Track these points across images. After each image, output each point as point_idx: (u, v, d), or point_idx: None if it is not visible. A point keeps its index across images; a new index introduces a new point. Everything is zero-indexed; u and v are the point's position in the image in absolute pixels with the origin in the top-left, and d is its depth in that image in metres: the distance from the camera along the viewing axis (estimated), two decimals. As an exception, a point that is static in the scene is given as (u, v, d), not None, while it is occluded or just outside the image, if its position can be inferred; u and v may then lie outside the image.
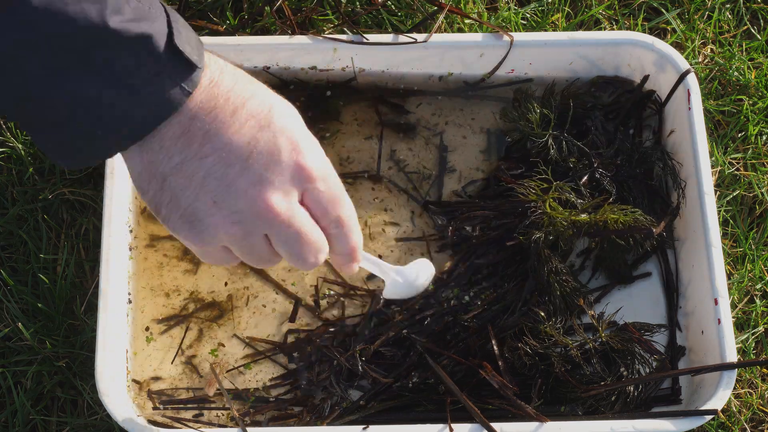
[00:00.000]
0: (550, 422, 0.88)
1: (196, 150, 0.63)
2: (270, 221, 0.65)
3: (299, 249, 0.68)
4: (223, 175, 0.64)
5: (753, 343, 1.03)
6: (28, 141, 1.07)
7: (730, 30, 1.17)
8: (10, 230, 1.04)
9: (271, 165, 0.65)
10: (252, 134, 0.64)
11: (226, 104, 0.64)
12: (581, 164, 1.00)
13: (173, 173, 0.64)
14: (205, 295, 1.00)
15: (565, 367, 0.91)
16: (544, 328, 0.92)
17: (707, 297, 0.94)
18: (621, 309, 0.99)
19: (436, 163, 1.06)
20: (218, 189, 0.64)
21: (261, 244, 0.67)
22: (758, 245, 1.06)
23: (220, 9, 1.13)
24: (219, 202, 0.64)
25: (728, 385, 0.90)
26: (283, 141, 0.65)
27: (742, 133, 1.12)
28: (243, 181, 0.64)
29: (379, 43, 1.03)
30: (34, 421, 0.98)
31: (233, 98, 0.64)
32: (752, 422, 1.01)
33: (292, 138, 0.66)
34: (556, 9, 1.16)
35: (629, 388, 0.91)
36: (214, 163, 0.64)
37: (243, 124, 0.64)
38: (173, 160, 0.63)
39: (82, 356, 0.99)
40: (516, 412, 0.90)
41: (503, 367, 0.92)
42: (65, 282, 1.01)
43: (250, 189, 0.64)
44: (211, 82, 0.64)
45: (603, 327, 0.93)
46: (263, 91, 0.67)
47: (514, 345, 0.92)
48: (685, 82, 1.01)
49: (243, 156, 0.64)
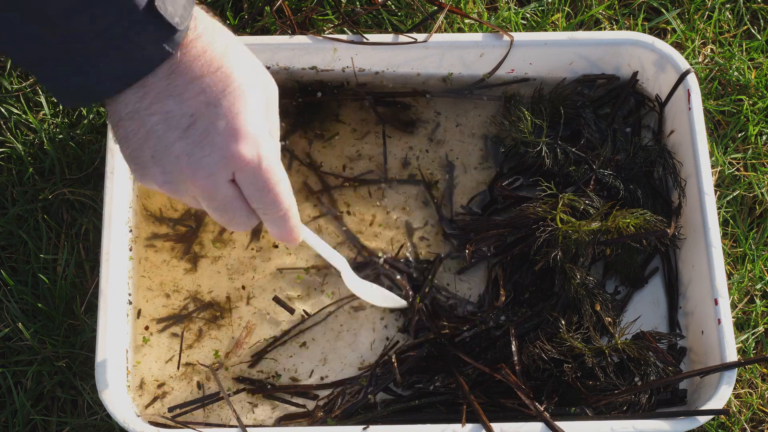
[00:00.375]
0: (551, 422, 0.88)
1: (146, 105, 0.68)
2: (197, 190, 0.71)
3: (226, 221, 0.74)
4: (163, 135, 0.68)
5: (753, 343, 1.03)
6: (28, 141, 1.07)
7: (730, 30, 1.17)
8: (10, 230, 1.04)
9: (204, 143, 0.69)
10: (197, 107, 0.68)
11: (188, 71, 0.68)
12: (582, 169, 1.00)
13: (127, 117, 0.69)
14: (205, 295, 1.00)
15: (577, 375, 0.91)
16: (562, 336, 0.92)
17: (707, 297, 0.94)
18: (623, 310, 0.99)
19: (440, 166, 1.06)
20: (157, 146, 0.69)
21: (193, 203, 0.74)
22: (758, 245, 1.06)
23: (220, 9, 1.13)
24: (156, 157, 0.69)
25: (728, 385, 0.90)
26: (221, 124, 0.69)
27: (742, 133, 1.12)
28: (178, 147, 0.69)
29: (379, 43, 1.03)
30: (34, 421, 0.98)
31: (195, 67, 0.68)
32: (752, 422, 1.01)
33: (233, 122, 0.69)
34: (556, 9, 1.16)
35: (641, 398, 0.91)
36: (158, 122, 0.68)
37: (193, 96, 0.68)
38: (128, 107, 0.68)
39: (82, 356, 0.99)
40: (527, 412, 0.90)
41: (519, 369, 0.92)
42: (65, 282, 1.01)
43: (182, 158, 0.69)
44: (183, 43, 0.67)
45: (620, 334, 0.93)
46: (234, 66, 0.70)
47: (532, 350, 0.92)
48: (685, 82, 1.01)
49: (183, 125, 0.68)
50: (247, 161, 0.69)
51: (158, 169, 0.70)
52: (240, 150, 0.69)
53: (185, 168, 0.69)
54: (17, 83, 1.10)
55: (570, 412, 0.91)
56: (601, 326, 0.94)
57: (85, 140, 1.07)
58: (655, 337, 0.93)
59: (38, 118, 1.09)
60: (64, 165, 1.06)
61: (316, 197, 1.04)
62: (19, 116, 1.08)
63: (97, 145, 1.07)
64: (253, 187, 0.71)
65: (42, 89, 1.10)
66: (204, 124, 0.68)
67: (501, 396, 0.93)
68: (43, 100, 1.09)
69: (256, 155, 0.70)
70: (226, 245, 1.02)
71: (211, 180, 0.70)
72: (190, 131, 0.68)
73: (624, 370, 0.93)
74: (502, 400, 0.92)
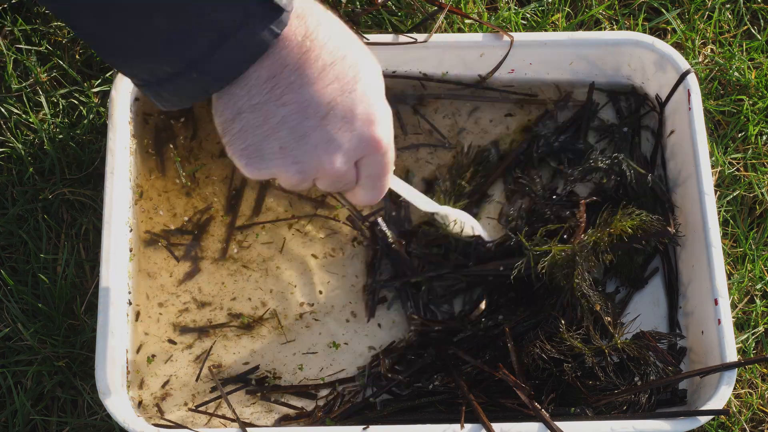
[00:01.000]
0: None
1: (278, 95, 0.67)
2: (326, 175, 0.71)
3: (333, 189, 0.75)
4: (297, 125, 0.68)
5: (753, 343, 1.03)
6: (28, 141, 1.07)
7: (730, 30, 1.17)
8: (10, 230, 1.04)
9: (344, 129, 0.69)
10: (333, 96, 0.68)
11: (317, 60, 0.67)
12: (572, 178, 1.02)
13: (250, 110, 0.67)
14: (205, 296, 1.00)
15: (577, 374, 0.91)
16: (562, 335, 0.92)
17: (707, 297, 0.94)
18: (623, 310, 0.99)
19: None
20: (289, 137, 0.68)
21: (307, 187, 0.74)
22: (758, 245, 1.06)
23: (220, 9, 1.13)
24: (286, 148, 0.69)
25: (728, 385, 0.90)
26: (360, 110, 0.70)
27: (742, 133, 1.12)
28: (316, 136, 0.69)
29: (379, 43, 1.03)
30: (34, 421, 0.98)
31: (324, 55, 0.67)
32: (752, 422, 1.01)
33: (369, 108, 0.70)
34: (556, 9, 1.16)
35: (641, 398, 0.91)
36: (292, 113, 0.68)
37: (328, 84, 0.68)
38: (253, 99, 0.67)
39: (82, 356, 0.99)
40: (527, 412, 0.90)
41: (518, 369, 0.92)
42: (65, 282, 1.01)
43: (321, 145, 0.69)
44: (306, 33, 0.66)
45: (620, 334, 0.93)
46: (355, 52, 0.70)
47: (531, 350, 0.92)
48: (686, 83, 1.01)
49: (321, 114, 0.68)
50: (382, 146, 0.72)
51: (288, 159, 0.69)
52: (377, 134, 0.71)
53: (323, 156, 0.70)
54: (17, 83, 1.10)
55: (570, 412, 0.91)
56: (600, 326, 0.94)
57: (85, 140, 1.07)
58: (655, 337, 0.93)
59: (38, 117, 1.09)
60: (64, 165, 1.06)
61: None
62: (20, 116, 1.08)
63: (97, 145, 1.07)
64: (377, 168, 0.74)
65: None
66: (342, 111, 0.69)
67: (501, 396, 0.93)
68: (43, 99, 1.09)
69: (387, 139, 0.73)
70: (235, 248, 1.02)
71: (346, 165, 0.72)
72: (328, 119, 0.68)
73: (624, 370, 0.93)
74: (501, 400, 0.92)
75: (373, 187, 0.77)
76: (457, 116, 1.08)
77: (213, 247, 1.02)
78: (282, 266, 1.02)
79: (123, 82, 0.99)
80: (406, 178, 1.04)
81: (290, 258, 1.02)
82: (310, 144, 0.69)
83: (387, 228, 1.01)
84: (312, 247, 1.02)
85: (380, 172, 0.75)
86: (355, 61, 0.69)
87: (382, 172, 0.75)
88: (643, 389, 0.91)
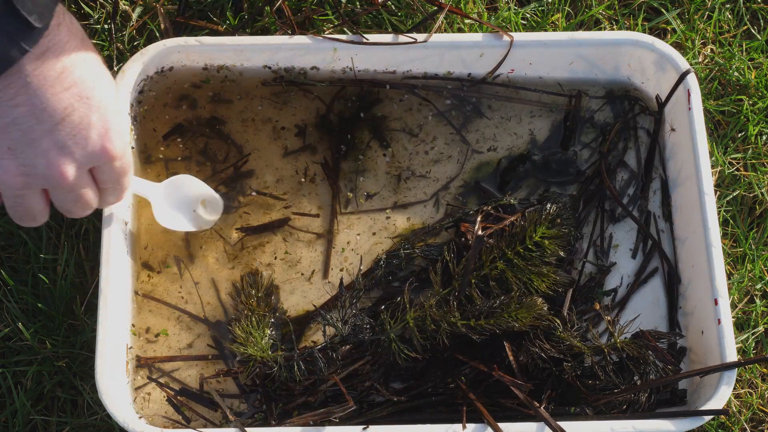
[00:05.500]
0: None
1: (11, 96, 0.67)
2: (57, 183, 0.72)
3: (72, 207, 0.78)
4: (29, 128, 0.68)
5: (753, 343, 1.03)
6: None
7: (730, 30, 1.17)
8: (10, 230, 1.04)
9: (78, 137, 0.70)
10: (70, 102, 0.69)
11: (56, 62, 0.68)
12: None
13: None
14: (205, 296, 1.00)
15: (577, 373, 0.91)
16: (559, 333, 0.92)
17: (707, 297, 0.94)
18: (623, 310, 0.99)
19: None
20: (19, 139, 0.68)
21: (37, 198, 0.74)
22: (758, 245, 1.06)
23: (220, 9, 1.13)
24: (15, 150, 0.69)
25: (728, 385, 0.90)
26: (96, 119, 0.71)
27: (742, 133, 1.12)
28: (47, 141, 0.69)
29: (379, 43, 1.03)
30: (34, 421, 0.98)
31: (64, 58, 0.68)
32: (752, 422, 1.01)
33: (105, 118, 0.72)
34: (556, 9, 1.16)
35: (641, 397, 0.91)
36: (24, 115, 0.68)
37: (65, 89, 0.69)
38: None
39: (82, 356, 0.99)
40: (527, 411, 0.90)
41: (517, 368, 0.92)
42: (65, 282, 1.01)
43: (52, 151, 0.70)
44: (49, 45, 0.67)
45: (619, 333, 0.93)
46: (93, 60, 0.72)
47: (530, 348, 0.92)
48: (685, 82, 1.01)
49: (55, 119, 0.69)
50: (115, 156, 0.74)
51: (16, 161, 0.70)
52: (109, 145, 0.73)
53: (55, 161, 0.70)
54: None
55: (570, 411, 0.91)
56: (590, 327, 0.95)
57: (85, 140, 1.07)
58: (655, 336, 0.93)
59: (38, 118, 1.09)
60: (64, 165, 1.06)
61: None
62: (19, 116, 1.09)
63: (97, 145, 1.07)
64: (114, 174, 0.77)
65: None
66: (78, 118, 0.70)
67: (500, 396, 0.93)
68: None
69: (122, 148, 0.75)
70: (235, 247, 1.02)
71: (79, 171, 0.73)
72: (63, 125, 0.69)
73: (623, 370, 0.93)
74: (501, 400, 0.92)
75: (114, 190, 0.81)
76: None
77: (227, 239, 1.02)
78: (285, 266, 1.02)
79: (123, 81, 0.99)
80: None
81: (294, 262, 1.02)
82: (41, 148, 0.69)
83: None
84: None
85: (116, 178, 0.79)
86: (92, 68, 0.71)
87: (118, 177, 0.79)
88: (642, 389, 0.91)
